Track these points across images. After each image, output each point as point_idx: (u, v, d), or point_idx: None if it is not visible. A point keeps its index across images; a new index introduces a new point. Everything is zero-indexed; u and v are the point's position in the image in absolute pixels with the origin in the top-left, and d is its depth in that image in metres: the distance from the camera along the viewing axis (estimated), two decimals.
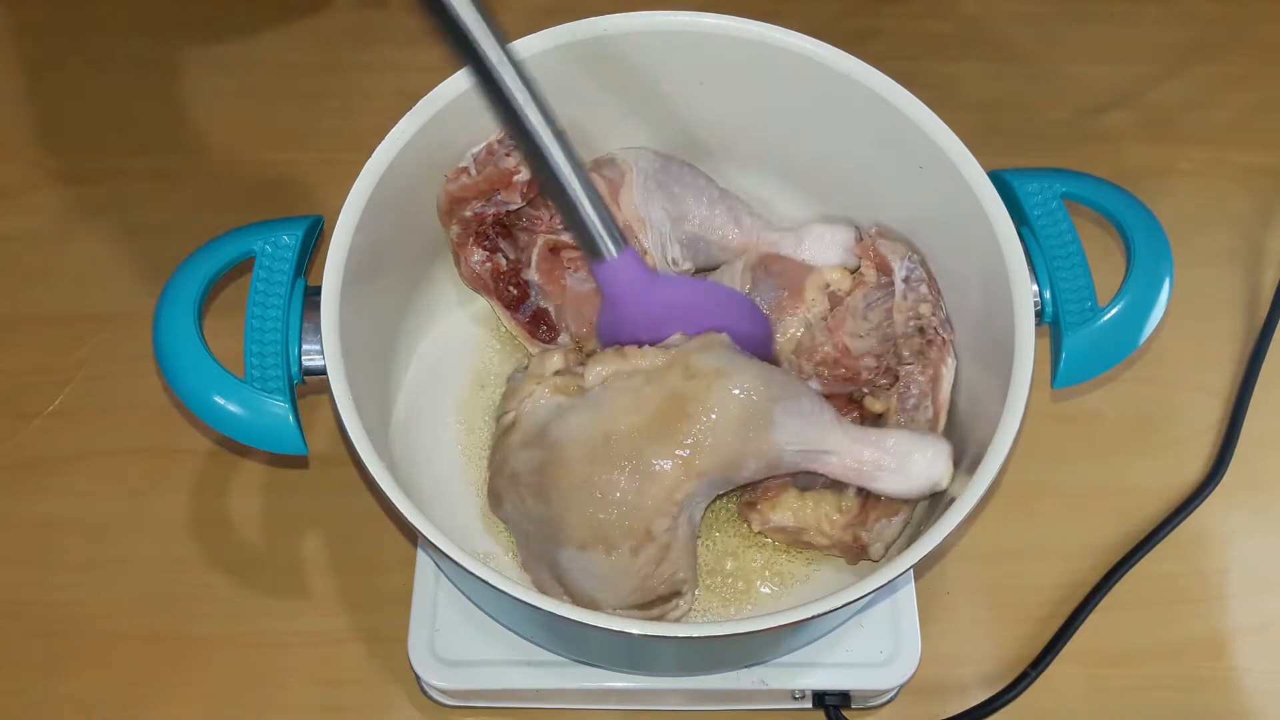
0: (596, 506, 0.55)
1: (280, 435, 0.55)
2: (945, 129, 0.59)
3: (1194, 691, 0.68)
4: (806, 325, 0.65)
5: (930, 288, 0.62)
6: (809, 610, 0.51)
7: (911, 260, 0.63)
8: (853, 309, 0.64)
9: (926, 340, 0.61)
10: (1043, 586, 0.70)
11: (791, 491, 0.60)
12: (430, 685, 0.63)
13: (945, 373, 0.61)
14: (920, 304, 0.62)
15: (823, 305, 0.65)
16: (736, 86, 0.64)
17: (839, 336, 0.63)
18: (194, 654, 0.67)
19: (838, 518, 0.59)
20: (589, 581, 0.56)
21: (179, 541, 0.69)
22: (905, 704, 0.67)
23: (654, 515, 0.55)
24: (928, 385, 0.61)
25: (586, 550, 0.56)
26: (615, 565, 0.55)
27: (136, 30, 0.88)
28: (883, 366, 0.63)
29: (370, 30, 0.89)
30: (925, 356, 0.61)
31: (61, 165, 0.82)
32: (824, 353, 0.64)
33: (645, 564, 0.56)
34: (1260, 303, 0.79)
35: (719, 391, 0.56)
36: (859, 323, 0.63)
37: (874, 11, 0.91)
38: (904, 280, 0.62)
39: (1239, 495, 0.73)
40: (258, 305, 0.56)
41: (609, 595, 0.57)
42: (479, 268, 0.64)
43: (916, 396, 0.61)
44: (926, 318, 0.61)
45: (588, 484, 0.55)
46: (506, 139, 0.61)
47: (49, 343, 0.75)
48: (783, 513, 0.60)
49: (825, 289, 0.65)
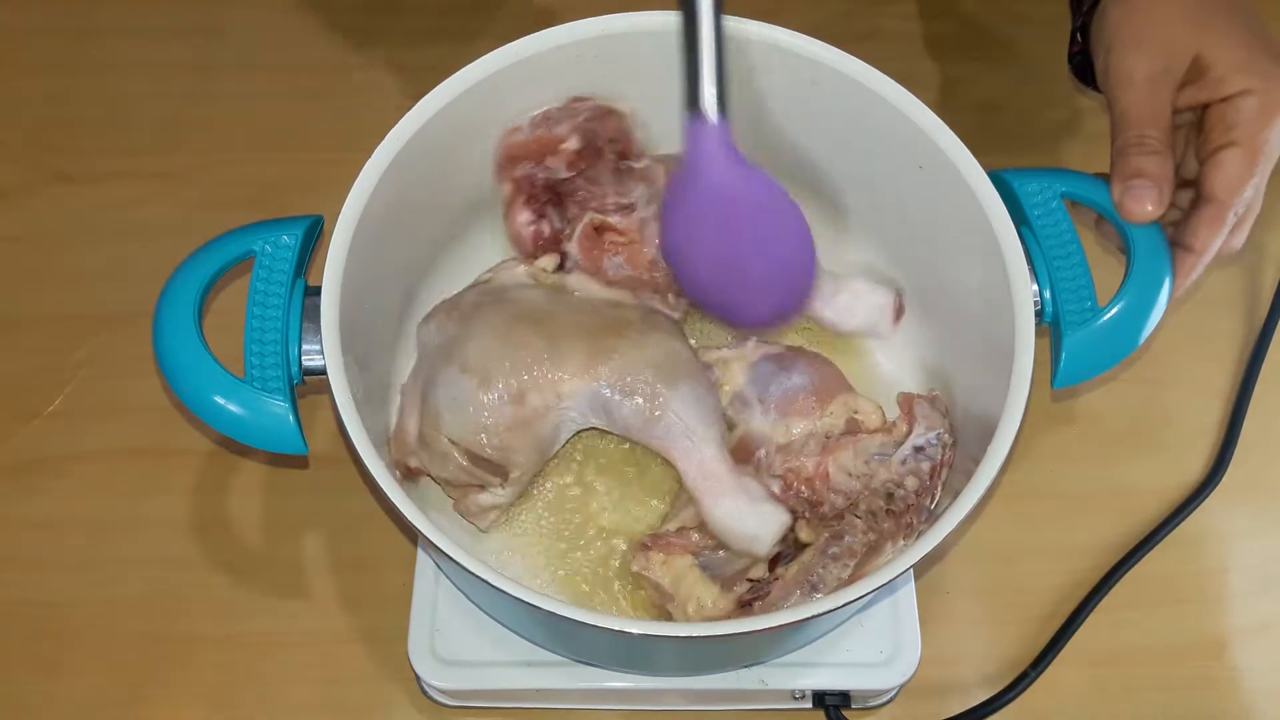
0: (500, 346, 0.59)
1: (280, 435, 0.55)
2: (945, 129, 0.59)
3: (1194, 691, 0.68)
4: (810, 431, 0.61)
5: (935, 472, 0.59)
6: (809, 610, 0.51)
7: (938, 439, 0.59)
8: (860, 448, 0.60)
9: (889, 509, 0.58)
10: (1043, 587, 0.70)
11: (689, 559, 0.58)
12: (430, 685, 0.63)
13: (888, 549, 0.58)
14: (910, 476, 0.59)
15: (838, 424, 0.62)
16: (737, 87, 0.64)
17: (828, 460, 0.60)
18: (194, 654, 0.67)
19: (706, 607, 0.57)
20: (448, 401, 0.59)
21: (179, 541, 0.69)
22: (905, 704, 0.67)
23: (536, 387, 0.58)
24: (860, 548, 0.57)
25: (466, 374, 0.58)
26: (479, 401, 0.58)
27: (136, 31, 0.88)
28: (836, 511, 0.59)
29: (370, 30, 0.89)
30: (876, 522, 0.58)
31: (61, 165, 0.82)
32: (802, 464, 0.60)
33: (502, 419, 0.58)
34: (1260, 303, 0.79)
35: (655, 340, 0.60)
36: (857, 463, 0.60)
37: (874, 11, 0.91)
38: (916, 448, 0.59)
39: (1239, 495, 0.73)
40: (258, 305, 0.56)
41: (455, 422, 0.59)
42: (523, 228, 0.65)
43: (843, 550, 0.57)
44: (906, 491, 0.58)
45: (508, 329, 0.59)
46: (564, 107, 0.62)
47: (49, 343, 0.75)
48: (664, 572, 0.58)
49: (852, 412, 0.62)
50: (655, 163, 0.66)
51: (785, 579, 0.57)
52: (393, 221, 0.60)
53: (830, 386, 0.62)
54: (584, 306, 0.62)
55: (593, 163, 0.64)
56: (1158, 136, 0.58)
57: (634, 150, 0.66)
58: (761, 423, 0.62)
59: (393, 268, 0.63)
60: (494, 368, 0.58)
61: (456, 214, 0.66)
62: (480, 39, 0.85)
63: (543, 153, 0.63)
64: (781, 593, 0.57)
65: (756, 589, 0.58)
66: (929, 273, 0.65)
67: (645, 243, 0.64)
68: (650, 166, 0.66)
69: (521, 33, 0.61)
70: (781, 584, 0.57)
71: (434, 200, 0.63)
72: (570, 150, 0.62)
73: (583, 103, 0.63)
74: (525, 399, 0.58)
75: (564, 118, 0.63)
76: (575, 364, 0.58)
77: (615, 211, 0.64)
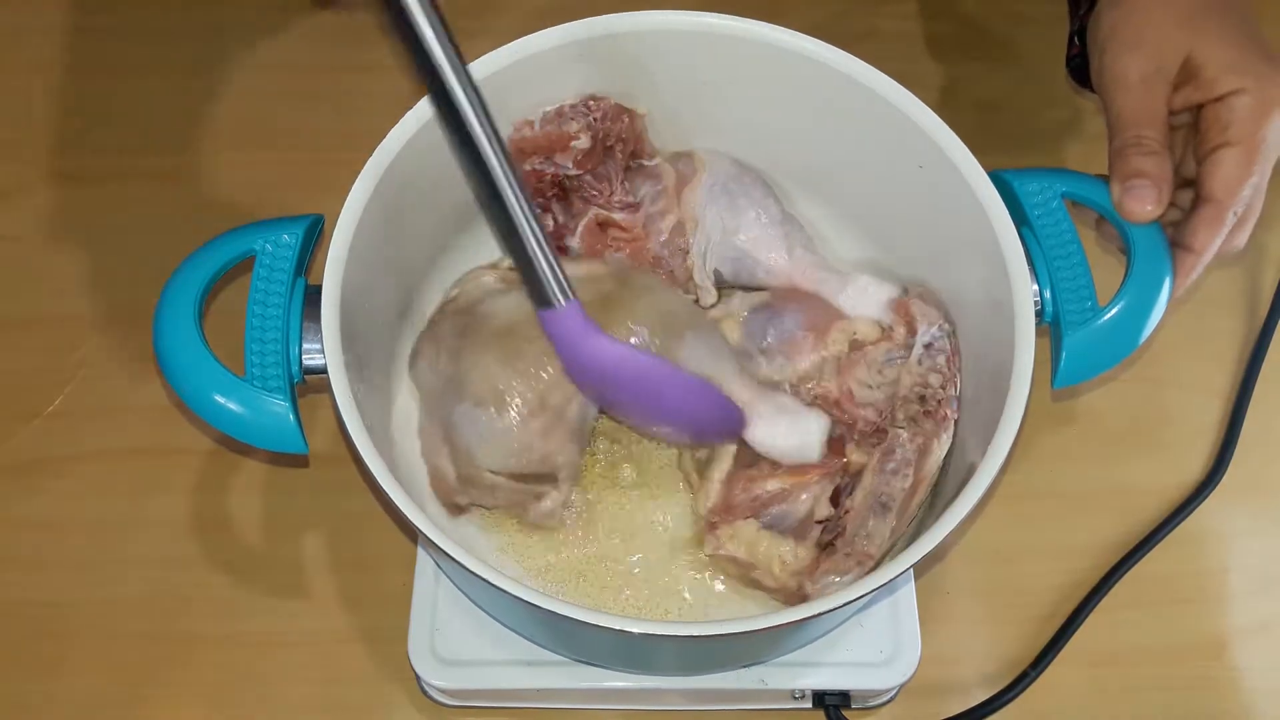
0: (500, 368, 0.58)
1: (280, 434, 0.55)
2: (945, 129, 0.59)
3: (1194, 691, 0.68)
4: (818, 362, 0.63)
5: (950, 361, 0.61)
6: (809, 610, 0.51)
7: (940, 330, 0.61)
8: (870, 359, 0.62)
9: (925, 410, 0.60)
10: (1043, 586, 0.70)
11: (753, 523, 0.60)
12: (430, 685, 0.63)
13: (935, 448, 0.59)
14: (931, 373, 0.60)
15: (842, 348, 0.64)
16: (737, 87, 0.64)
17: (847, 379, 0.62)
18: (194, 653, 0.67)
19: (790, 562, 0.59)
20: (474, 439, 0.58)
21: (179, 541, 0.69)
22: (905, 704, 0.67)
23: (552, 388, 0.58)
24: (913, 454, 0.59)
25: (480, 406, 0.58)
26: (504, 426, 0.58)
27: (136, 31, 0.88)
28: (879, 423, 0.62)
29: (370, 30, 0.89)
30: (919, 425, 0.60)
31: (61, 165, 0.82)
32: (826, 388, 0.63)
33: (531, 433, 0.58)
34: (1260, 303, 0.79)
35: (645, 301, 0.60)
36: (872, 374, 0.62)
37: (874, 11, 0.91)
38: (925, 345, 0.61)
39: (1239, 495, 0.73)
40: (258, 304, 0.56)
41: (489, 455, 0.58)
42: None
43: (898, 462, 0.59)
44: (933, 388, 0.60)
45: (500, 347, 0.58)
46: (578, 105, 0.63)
47: (49, 343, 0.75)
48: (737, 543, 0.59)
49: (851, 335, 0.64)
50: (665, 162, 0.66)
51: (855, 508, 0.59)
52: (393, 221, 0.60)
53: (823, 318, 0.64)
54: None
55: (601, 162, 0.64)
56: (1154, 136, 0.58)
57: (645, 151, 0.66)
58: (769, 370, 0.63)
59: (393, 268, 0.63)
60: (504, 389, 0.58)
61: (457, 214, 0.66)
62: (480, 39, 0.85)
63: (552, 149, 0.63)
64: (858, 520, 0.58)
65: (830, 527, 0.59)
66: (929, 273, 0.65)
67: (649, 239, 0.64)
68: (660, 165, 0.66)
69: (521, 33, 0.61)
70: (854, 514, 0.58)
71: (434, 200, 0.63)
72: (580, 149, 0.62)
73: (599, 101, 0.63)
74: (546, 402, 0.58)
75: (576, 115, 0.63)
76: None
77: (620, 209, 0.64)
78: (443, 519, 0.63)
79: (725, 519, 0.60)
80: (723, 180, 0.65)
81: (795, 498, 0.60)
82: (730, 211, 0.65)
